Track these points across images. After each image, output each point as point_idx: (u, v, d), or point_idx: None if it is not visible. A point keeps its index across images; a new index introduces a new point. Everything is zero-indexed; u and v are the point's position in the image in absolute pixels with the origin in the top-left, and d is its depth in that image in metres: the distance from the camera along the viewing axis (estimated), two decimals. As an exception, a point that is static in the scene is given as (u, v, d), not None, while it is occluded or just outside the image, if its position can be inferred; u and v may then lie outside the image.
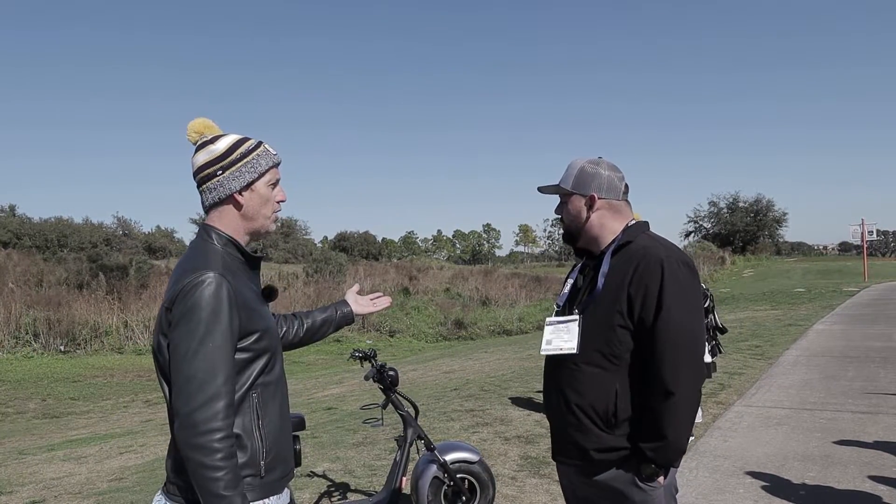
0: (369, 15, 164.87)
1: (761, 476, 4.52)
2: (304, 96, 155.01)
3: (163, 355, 1.62)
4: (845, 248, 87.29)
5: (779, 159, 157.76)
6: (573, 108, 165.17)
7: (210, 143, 1.73)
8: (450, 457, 3.70)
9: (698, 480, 4.49)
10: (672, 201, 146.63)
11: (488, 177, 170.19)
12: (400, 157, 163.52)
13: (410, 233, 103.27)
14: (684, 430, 1.86)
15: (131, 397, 12.69)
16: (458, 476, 3.69)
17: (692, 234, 56.13)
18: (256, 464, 1.64)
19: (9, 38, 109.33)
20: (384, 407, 3.73)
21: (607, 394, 1.90)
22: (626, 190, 2.11)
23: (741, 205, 54.48)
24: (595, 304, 1.96)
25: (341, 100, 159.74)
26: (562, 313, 2.07)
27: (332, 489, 4.46)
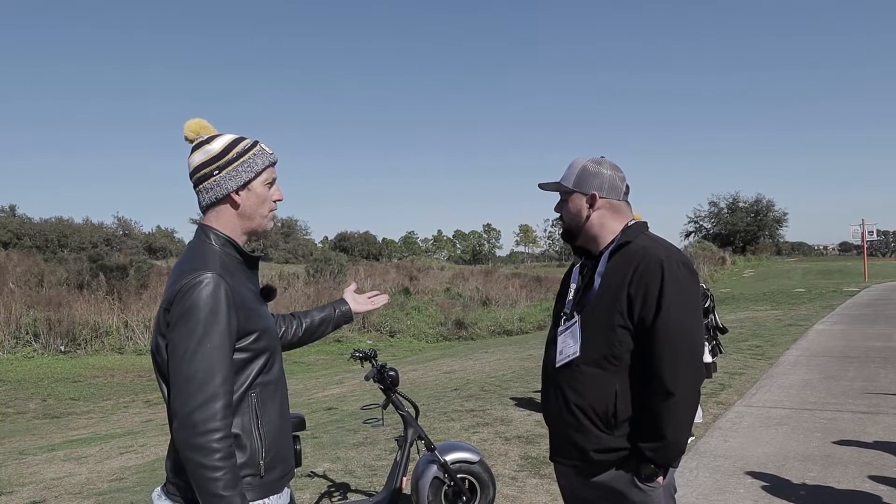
0: (369, 15, 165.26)
1: (762, 476, 4.52)
2: (304, 96, 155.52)
3: (161, 356, 1.62)
4: (845, 248, 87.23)
5: (779, 159, 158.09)
6: (573, 108, 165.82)
7: (206, 143, 1.73)
8: (450, 457, 3.69)
9: (699, 480, 4.49)
10: (672, 201, 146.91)
11: (488, 177, 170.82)
12: (400, 157, 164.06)
13: (411, 233, 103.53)
14: (684, 431, 1.86)
15: (132, 397, 12.70)
16: (458, 476, 3.69)
17: (692, 235, 56.10)
18: (256, 463, 1.64)
19: (9, 38, 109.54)
20: (384, 407, 3.73)
21: (607, 394, 1.90)
22: (627, 191, 2.10)
23: (741, 205, 54.45)
24: (594, 305, 1.96)
25: (341, 100, 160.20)
26: (569, 319, 2.06)
27: (333, 489, 4.46)
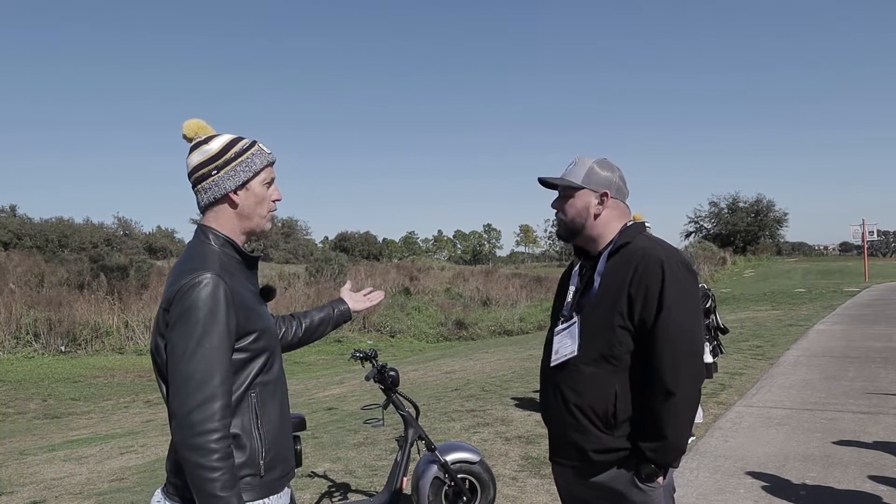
0: (369, 15, 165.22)
1: (762, 476, 4.52)
2: (304, 97, 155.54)
3: (161, 356, 1.62)
4: (846, 248, 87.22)
5: (779, 159, 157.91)
6: (573, 108, 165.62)
7: (204, 144, 1.73)
8: (451, 457, 3.70)
9: (699, 481, 4.49)
10: (672, 201, 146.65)
11: (488, 177, 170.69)
12: (400, 158, 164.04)
13: (411, 233, 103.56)
14: (684, 430, 1.86)
15: (132, 397, 12.70)
16: (458, 476, 3.69)
17: (693, 235, 56.07)
18: (256, 463, 1.64)
19: (9, 38, 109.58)
20: (385, 407, 3.73)
21: (607, 395, 1.90)
22: (628, 194, 2.12)
23: (741, 205, 54.41)
24: (594, 306, 1.96)
25: (341, 100, 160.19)
26: (567, 319, 2.05)
27: (333, 489, 4.46)
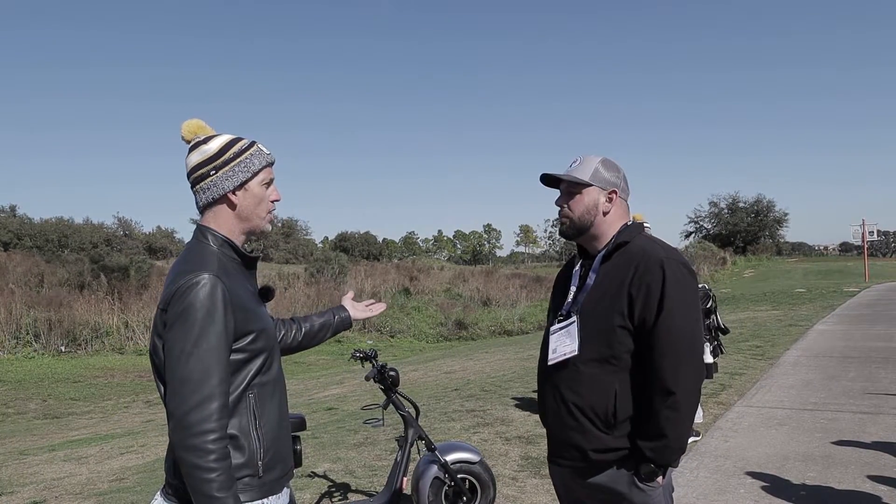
0: (369, 15, 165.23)
1: (762, 476, 4.52)
2: (305, 97, 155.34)
3: (159, 356, 1.62)
4: (846, 248, 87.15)
5: (779, 159, 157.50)
6: (573, 107, 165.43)
7: (203, 144, 1.74)
8: (451, 457, 3.70)
9: (699, 481, 4.49)
10: (672, 201, 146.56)
11: (488, 177, 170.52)
12: (400, 157, 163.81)
13: (411, 233, 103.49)
14: (684, 430, 1.86)
15: (132, 398, 12.71)
16: (458, 476, 3.70)
17: (693, 235, 56.08)
18: (254, 464, 1.64)
19: (9, 38, 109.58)
20: (385, 407, 3.73)
21: (607, 395, 1.90)
22: (629, 194, 2.12)
23: (741, 205, 54.43)
24: (594, 305, 1.96)
25: (341, 100, 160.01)
26: (566, 318, 2.04)
27: (333, 490, 4.46)
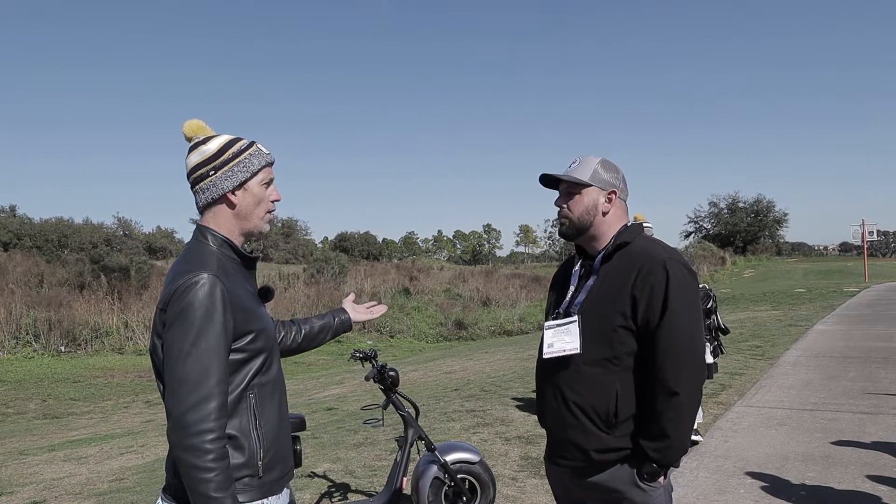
0: (369, 15, 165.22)
1: (762, 476, 4.52)
2: (304, 97, 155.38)
3: (158, 356, 1.62)
4: (846, 248, 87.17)
5: (778, 159, 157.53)
6: (573, 107, 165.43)
7: (202, 144, 1.74)
8: (450, 457, 3.70)
9: (699, 481, 4.49)
10: (672, 201, 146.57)
11: (488, 177, 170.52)
12: (400, 157, 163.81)
13: (411, 233, 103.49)
14: (686, 430, 1.87)
15: (132, 398, 12.71)
16: (458, 476, 3.69)
17: (692, 235, 56.07)
18: (254, 464, 1.63)
19: (9, 38, 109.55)
20: (385, 407, 3.73)
21: (608, 395, 1.90)
22: (628, 195, 2.12)
23: (741, 205, 54.40)
24: (595, 306, 1.96)
25: (341, 100, 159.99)
26: (564, 316, 2.04)
27: (333, 490, 4.46)
